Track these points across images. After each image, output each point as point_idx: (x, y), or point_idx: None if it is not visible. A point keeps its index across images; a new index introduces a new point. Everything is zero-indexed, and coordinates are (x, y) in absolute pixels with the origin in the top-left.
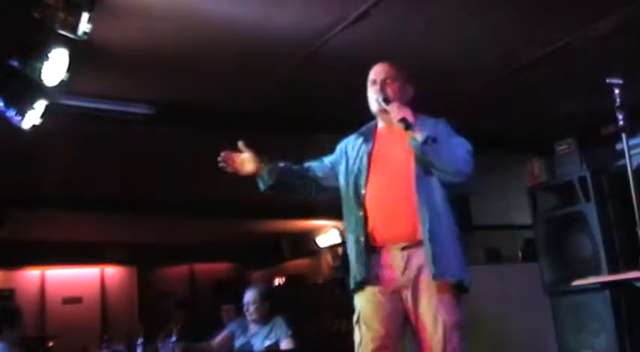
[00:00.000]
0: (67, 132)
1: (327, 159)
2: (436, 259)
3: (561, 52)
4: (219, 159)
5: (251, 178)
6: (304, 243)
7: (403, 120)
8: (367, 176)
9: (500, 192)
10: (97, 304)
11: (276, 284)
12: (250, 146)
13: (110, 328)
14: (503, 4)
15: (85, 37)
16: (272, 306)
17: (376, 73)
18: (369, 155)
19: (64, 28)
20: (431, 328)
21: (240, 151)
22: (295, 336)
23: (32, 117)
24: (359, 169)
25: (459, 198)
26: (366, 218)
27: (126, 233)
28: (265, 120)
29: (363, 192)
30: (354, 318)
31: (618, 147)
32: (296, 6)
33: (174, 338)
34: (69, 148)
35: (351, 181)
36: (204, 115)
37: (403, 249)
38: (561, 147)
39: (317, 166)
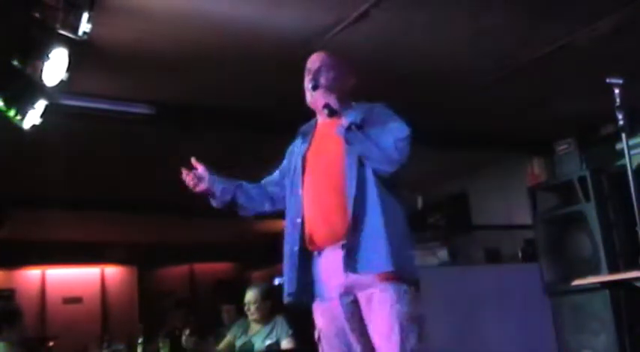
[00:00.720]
0: (67, 132)
1: (278, 169)
2: (354, 252)
3: (561, 52)
4: (184, 176)
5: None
6: None
7: (326, 106)
8: (302, 175)
9: (500, 192)
10: (97, 304)
11: (277, 283)
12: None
13: (110, 328)
14: (503, 4)
15: (85, 37)
16: (273, 305)
17: (311, 61)
18: (305, 153)
19: (64, 28)
20: (382, 324)
21: (194, 167)
22: (296, 335)
23: (32, 117)
24: (295, 169)
25: (459, 198)
26: (303, 223)
27: (126, 233)
28: (265, 120)
29: (299, 193)
30: (316, 336)
31: (618, 147)
32: (296, 6)
33: (188, 331)
34: (69, 148)
35: (291, 184)
36: (204, 115)
37: (343, 246)
38: (561, 147)
39: (269, 180)
